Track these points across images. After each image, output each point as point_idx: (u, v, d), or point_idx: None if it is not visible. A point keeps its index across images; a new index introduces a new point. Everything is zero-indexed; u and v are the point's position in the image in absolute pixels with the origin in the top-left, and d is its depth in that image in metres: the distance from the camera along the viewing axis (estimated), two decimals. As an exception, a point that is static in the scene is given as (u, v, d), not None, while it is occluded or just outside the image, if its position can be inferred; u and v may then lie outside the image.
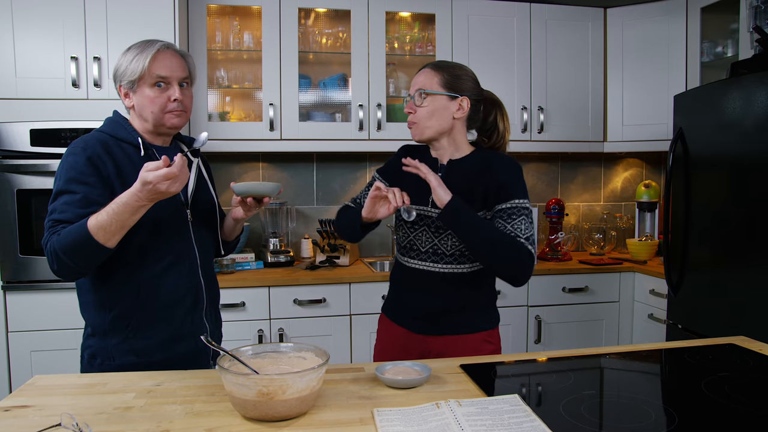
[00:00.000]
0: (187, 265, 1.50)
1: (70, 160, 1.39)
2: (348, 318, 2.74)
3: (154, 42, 1.46)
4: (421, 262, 1.62)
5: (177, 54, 1.49)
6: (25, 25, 2.45)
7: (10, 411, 1.10)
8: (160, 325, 1.45)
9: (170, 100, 1.45)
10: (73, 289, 2.48)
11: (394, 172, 1.71)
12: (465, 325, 1.63)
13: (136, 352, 1.44)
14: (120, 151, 1.44)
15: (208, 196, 1.62)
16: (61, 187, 1.37)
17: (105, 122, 1.51)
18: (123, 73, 1.45)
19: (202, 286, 1.53)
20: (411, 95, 1.61)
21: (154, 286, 1.44)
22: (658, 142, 3.13)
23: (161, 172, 1.22)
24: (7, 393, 2.44)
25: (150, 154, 1.48)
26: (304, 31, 3.05)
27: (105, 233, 1.26)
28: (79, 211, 1.33)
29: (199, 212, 1.55)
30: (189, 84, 1.52)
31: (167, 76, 1.44)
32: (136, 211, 1.27)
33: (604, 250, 3.38)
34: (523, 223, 1.53)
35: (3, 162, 2.43)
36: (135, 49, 1.45)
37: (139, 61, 1.42)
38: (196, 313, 1.52)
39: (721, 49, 2.95)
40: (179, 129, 1.53)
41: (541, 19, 3.15)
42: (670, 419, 1.08)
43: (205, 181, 1.63)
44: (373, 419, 1.05)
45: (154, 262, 1.45)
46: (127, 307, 1.43)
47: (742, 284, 2.24)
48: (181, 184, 1.27)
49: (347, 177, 3.35)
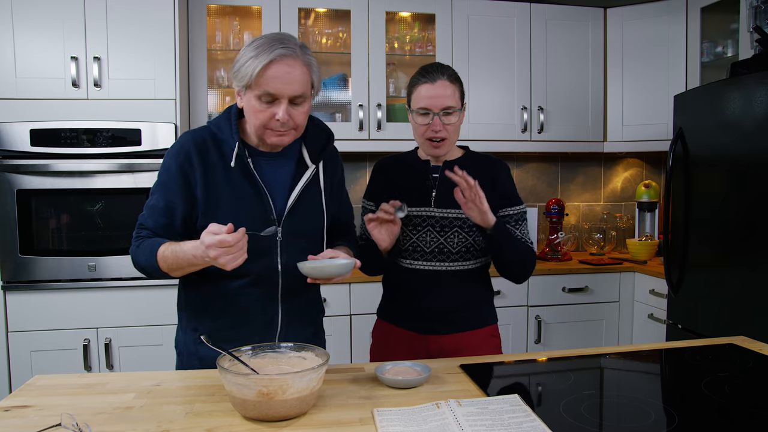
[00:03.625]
0: (264, 288, 1.39)
1: (166, 161, 1.38)
2: (348, 318, 2.74)
3: (274, 45, 1.27)
4: (427, 263, 1.62)
5: (299, 63, 1.29)
6: (25, 25, 2.45)
7: (10, 411, 1.10)
8: (225, 342, 1.34)
9: (274, 118, 1.29)
10: (72, 289, 2.50)
11: (380, 189, 1.71)
12: (473, 320, 1.65)
13: (200, 359, 1.41)
14: (216, 152, 1.36)
15: (315, 210, 1.44)
16: (154, 188, 1.40)
17: (219, 115, 1.41)
18: (236, 72, 1.30)
19: (278, 311, 1.41)
20: (434, 112, 1.54)
21: (225, 303, 1.39)
22: (658, 142, 3.13)
23: (216, 238, 1.15)
24: (7, 393, 2.44)
25: (243, 163, 1.36)
26: (304, 31, 3.05)
27: (168, 267, 1.31)
28: (161, 219, 1.36)
29: (295, 229, 1.39)
30: (306, 98, 1.33)
31: (276, 93, 1.27)
32: (192, 265, 1.26)
33: (604, 250, 3.38)
34: (526, 227, 1.68)
35: (3, 162, 2.43)
36: (254, 47, 1.28)
37: (251, 66, 1.26)
38: (266, 338, 1.40)
39: (721, 49, 2.95)
40: (282, 147, 1.39)
41: (541, 19, 3.15)
42: (670, 419, 1.08)
43: (319, 191, 1.44)
44: (373, 419, 1.05)
45: (231, 279, 1.36)
46: (201, 313, 1.42)
47: (742, 284, 2.23)
48: (237, 261, 1.18)
49: (347, 177, 3.34)
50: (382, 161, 1.76)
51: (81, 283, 2.50)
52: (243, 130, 1.41)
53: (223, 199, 1.35)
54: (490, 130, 3.10)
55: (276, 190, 1.40)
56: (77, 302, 2.50)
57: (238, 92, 1.34)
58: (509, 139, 3.13)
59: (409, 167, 1.69)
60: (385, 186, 1.71)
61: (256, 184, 1.37)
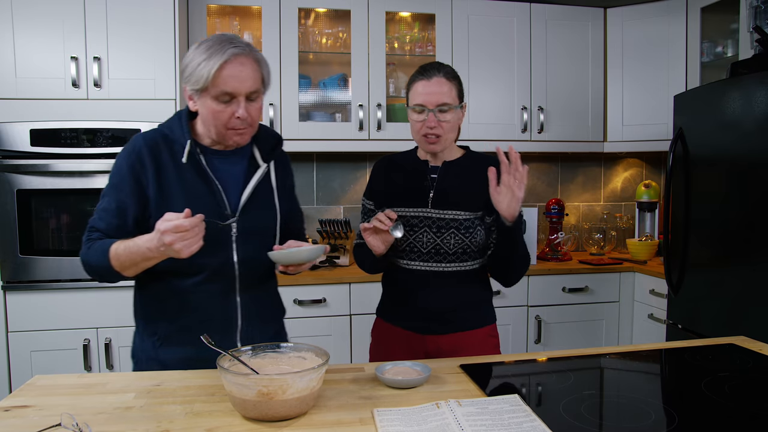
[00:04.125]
0: (221, 284, 1.40)
1: (118, 162, 1.39)
2: (348, 318, 2.74)
3: (225, 45, 1.28)
4: (423, 263, 1.63)
5: (250, 61, 1.31)
6: (25, 25, 2.45)
7: (10, 411, 1.10)
8: (184, 342, 1.37)
9: (234, 116, 1.32)
10: (72, 289, 2.50)
11: (379, 188, 1.72)
12: (471, 321, 1.65)
13: (161, 362, 1.40)
14: (168, 151, 1.38)
15: (268, 207, 1.47)
16: (105, 190, 1.39)
17: (169, 118, 1.44)
18: (189, 77, 1.31)
19: (237, 307, 1.42)
20: (429, 109, 1.55)
21: (182, 302, 1.38)
22: (658, 142, 3.13)
23: (172, 223, 1.15)
24: (7, 393, 2.44)
25: (195, 161, 1.37)
26: (304, 31, 3.05)
27: (121, 264, 1.30)
28: (113, 221, 1.36)
29: (250, 225, 1.41)
30: (260, 93, 1.37)
31: (233, 91, 1.30)
32: (146, 258, 1.26)
33: (604, 250, 3.38)
34: (523, 232, 1.66)
35: (3, 162, 2.43)
36: (204, 50, 1.29)
37: (205, 69, 1.27)
38: (227, 336, 1.40)
39: (721, 49, 2.95)
40: (241, 146, 1.42)
41: (541, 19, 3.15)
42: (670, 419, 1.08)
43: (271, 189, 1.48)
44: (373, 419, 1.05)
45: (186, 277, 1.37)
46: (157, 317, 1.42)
47: (742, 284, 2.23)
48: (192, 248, 1.18)
49: (347, 177, 3.35)
50: (381, 160, 1.77)
51: (81, 283, 2.50)
52: (194, 130, 1.43)
53: (176, 197, 1.36)
54: (490, 130, 3.10)
55: (229, 187, 1.42)
56: (77, 302, 2.50)
57: (190, 96, 1.35)
58: (509, 139, 3.13)
59: (408, 167, 1.69)
60: (384, 185, 1.72)
61: (209, 181, 1.38)
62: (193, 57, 1.30)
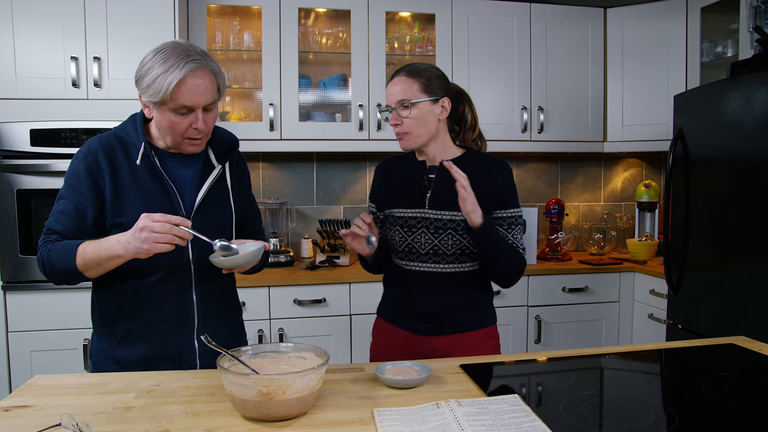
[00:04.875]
0: (177, 282, 1.41)
1: (74, 164, 1.40)
2: (348, 318, 2.74)
3: (182, 59, 1.28)
4: (422, 264, 1.63)
5: (207, 73, 1.32)
6: (25, 25, 2.45)
7: (10, 411, 1.10)
8: (141, 341, 1.40)
9: (191, 127, 1.34)
10: (72, 289, 2.49)
11: (378, 190, 1.74)
12: (470, 322, 1.64)
13: (117, 361, 1.41)
14: (123, 153, 1.40)
15: (223, 207, 1.49)
16: (61, 192, 1.41)
17: (124, 121, 1.45)
18: (146, 88, 1.31)
19: (193, 305, 1.43)
20: (392, 107, 1.58)
21: (138, 301, 1.40)
22: (658, 142, 3.13)
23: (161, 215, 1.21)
24: (7, 393, 2.44)
25: (150, 163, 1.39)
26: (304, 31, 3.05)
27: (85, 263, 1.31)
28: (71, 223, 1.37)
29: (205, 225, 1.40)
30: (216, 103, 1.38)
31: (192, 105, 1.31)
32: (112, 257, 1.28)
33: (604, 250, 3.38)
34: (519, 233, 1.64)
35: (3, 162, 2.44)
36: (161, 61, 1.28)
37: (164, 83, 1.27)
38: (183, 335, 1.42)
39: (721, 49, 2.95)
40: (197, 152, 1.44)
41: (541, 19, 3.15)
42: (670, 419, 1.08)
43: (226, 190, 1.50)
44: (373, 419, 1.05)
45: (142, 277, 1.39)
46: (114, 316, 1.42)
47: (742, 284, 2.23)
48: (159, 246, 1.22)
49: (347, 177, 3.35)
50: (382, 162, 1.77)
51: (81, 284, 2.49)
52: (149, 133, 1.45)
53: (132, 198, 1.38)
54: (490, 130, 3.06)
55: (184, 188, 1.44)
56: (77, 302, 2.50)
57: (146, 105, 1.36)
58: (509, 139, 3.13)
59: (406, 168, 1.69)
60: (383, 187, 1.72)
61: (164, 182, 1.40)
62: (150, 67, 1.30)
